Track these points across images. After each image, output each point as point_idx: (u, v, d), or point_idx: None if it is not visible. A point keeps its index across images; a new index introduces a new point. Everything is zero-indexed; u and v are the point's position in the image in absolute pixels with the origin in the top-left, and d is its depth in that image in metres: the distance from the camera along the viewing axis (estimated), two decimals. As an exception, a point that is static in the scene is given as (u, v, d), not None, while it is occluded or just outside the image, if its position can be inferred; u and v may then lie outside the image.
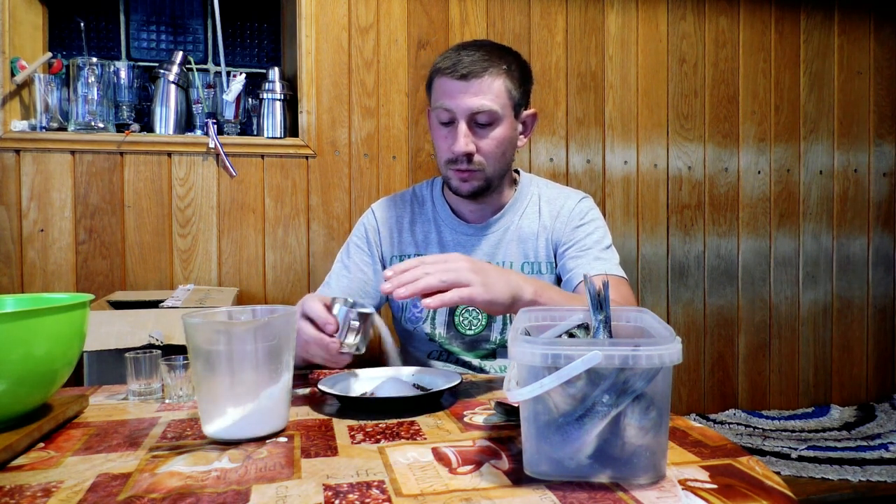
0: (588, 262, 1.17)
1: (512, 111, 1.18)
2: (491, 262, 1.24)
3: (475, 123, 1.14)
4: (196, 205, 1.91)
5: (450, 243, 1.27)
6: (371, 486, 0.58)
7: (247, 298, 1.93)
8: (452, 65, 1.13)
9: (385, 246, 1.30)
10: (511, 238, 1.25)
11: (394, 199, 1.35)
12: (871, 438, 2.09)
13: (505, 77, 1.15)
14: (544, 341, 0.61)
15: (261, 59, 2.19)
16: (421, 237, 1.29)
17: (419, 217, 1.31)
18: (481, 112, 1.13)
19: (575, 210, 1.25)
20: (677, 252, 2.32)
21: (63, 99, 1.85)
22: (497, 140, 1.16)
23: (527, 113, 1.24)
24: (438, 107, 1.15)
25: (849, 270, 2.47)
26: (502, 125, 1.16)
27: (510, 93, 1.16)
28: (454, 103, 1.13)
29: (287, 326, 0.74)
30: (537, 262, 1.24)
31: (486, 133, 1.15)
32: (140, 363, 0.91)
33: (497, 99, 1.14)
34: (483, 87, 1.12)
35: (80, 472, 0.63)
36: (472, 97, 1.12)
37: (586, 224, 1.23)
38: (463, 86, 1.12)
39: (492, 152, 1.16)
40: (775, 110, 2.40)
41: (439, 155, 1.20)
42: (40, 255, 1.81)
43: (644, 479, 0.58)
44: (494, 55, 1.15)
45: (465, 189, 1.19)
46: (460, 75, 1.12)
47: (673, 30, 2.30)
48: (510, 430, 0.74)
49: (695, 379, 2.34)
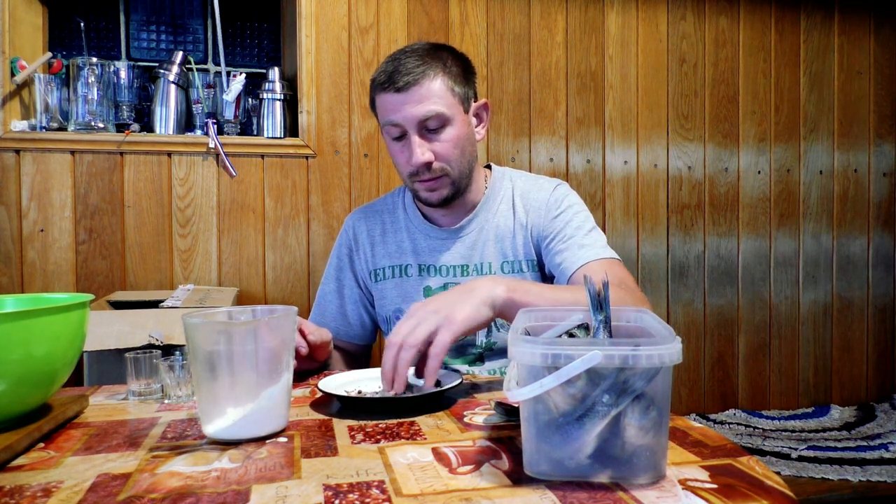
0: (573, 253, 1.14)
1: (461, 107, 1.15)
2: (468, 264, 1.22)
3: (426, 130, 1.12)
4: (196, 205, 1.91)
5: (424, 250, 1.25)
6: (371, 486, 0.58)
7: (247, 298, 1.93)
8: (388, 78, 1.10)
9: (362, 262, 1.30)
10: (487, 238, 1.22)
11: (365, 211, 1.34)
12: (871, 438, 2.09)
13: (443, 76, 1.11)
14: (544, 341, 0.61)
15: (261, 59, 2.19)
16: (394, 248, 1.27)
17: (391, 227, 1.29)
18: (429, 118, 1.10)
19: (550, 200, 1.21)
20: (677, 252, 2.32)
21: (63, 99, 1.85)
22: (452, 141, 1.13)
23: (477, 105, 1.20)
24: (386, 123, 1.13)
25: (849, 270, 2.47)
26: (454, 125, 1.13)
27: (453, 90, 1.13)
28: (400, 116, 1.10)
29: (287, 326, 0.74)
30: (517, 260, 1.21)
31: (439, 137, 1.12)
32: (140, 363, 0.91)
33: (441, 100, 1.11)
34: (423, 93, 1.09)
35: (80, 472, 0.63)
36: (415, 106, 1.09)
37: (563, 212, 1.20)
38: (403, 97, 1.09)
39: (450, 154, 1.13)
40: (775, 110, 2.40)
41: (400, 170, 1.18)
42: (40, 255, 1.81)
43: (644, 479, 0.58)
44: (427, 57, 1.12)
45: (435, 198, 1.17)
46: (397, 88, 1.09)
47: (673, 30, 2.30)
48: (510, 430, 0.74)
49: (695, 379, 2.34)
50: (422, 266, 1.25)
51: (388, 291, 1.27)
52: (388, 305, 1.27)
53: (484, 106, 1.22)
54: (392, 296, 1.27)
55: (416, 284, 1.24)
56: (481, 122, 1.22)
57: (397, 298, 1.26)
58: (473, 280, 0.94)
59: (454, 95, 1.13)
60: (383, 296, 1.28)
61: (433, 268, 1.24)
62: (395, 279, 1.26)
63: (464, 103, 1.16)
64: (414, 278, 1.25)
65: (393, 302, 1.27)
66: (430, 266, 1.24)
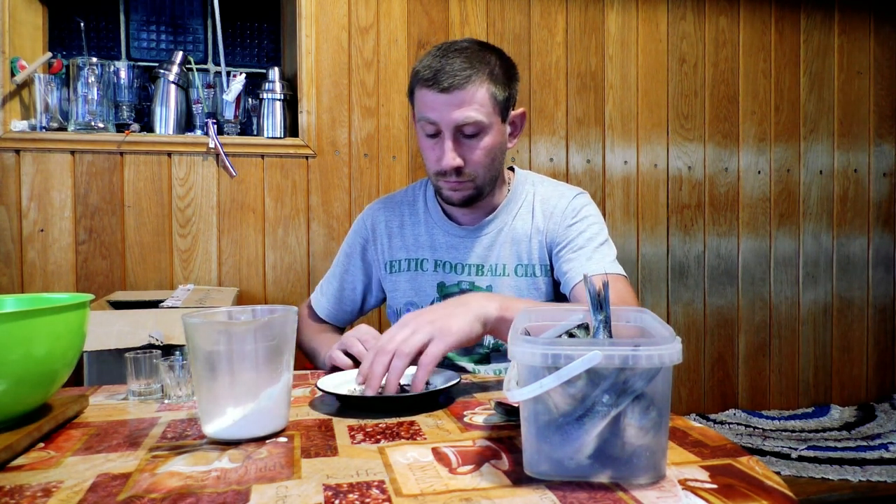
0: (580, 265, 1.14)
1: (499, 116, 1.13)
2: (484, 264, 1.22)
3: (461, 135, 1.11)
4: (196, 205, 1.91)
5: (442, 246, 1.25)
6: (371, 486, 0.58)
7: (247, 298, 1.93)
8: (433, 76, 1.08)
9: (378, 253, 1.30)
10: (504, 240, 1.23)
11: (385, 202, 1.33)
12: (871, 438, 2.09)
13: (489, 83, 1.09)
14: (544, 341, 0.61)
15: (261, 59, 2.19)
16: (412, 241, 1.27)
17: (410, 220, 1.29)
18: (467, 124, 1.09)
19: (568, 208, 1.21)
20: (677, 252, 2.32)
21: (63, 99, 1.85)
22: (485, 150, 1.12)
23: (514, 113, 1.19)
24: (422, 119, 1.12)
25: (849, 270, 2.47)
26: (490, 134, 1.12)
27: (495, 98, 1.11)
28: (437, 116, 1.09)
29: (287, 326, 0.74)
30: (531, 263, 1.21)
31: (473, 144, 1.11)
32: (140, 363, 0.91)
33: (482, 108, 1.09)
34: (467, 97, 1.07)
35: (80, 472, 0.63)
36: (455, 110, 1.08)
37: (579, 222, 1.20)
38: (446, 98, 1.07)
39: (480, 162, 1.13)
40: (775, 110, 2.40)
41: (428, 165, 1.17)
42: (40, 255, 1.81)
43: (644, 479, 0.58)
44: (476, 59, 1.10)
45: (457, 198, 1.16)
46: (442, 88, 1.07)
47: (673, 30, 2.30)
48: (510, 430, 0.74)
49: (695, 379, 2.34)
50: (437, 262, 1.25)
51: (401, 284, 1.27)
52: (399, 298, 1.28)
53: (521, 115, 1.21)
54: (405, 288, 1.27)
55: (431, 280, 1.25)
56: (516, 131, 1.22)
57: (410, 291, 1.26)
58: (467, 295, 0.94)
59: (495, 104, 1.11)
60: (396, 287, 1.28)
61: (448, 265, 1.24)
62: (410, 272, 1.26)
63: (503, 112, 1.14)
64: (429, 273, 1.25)
65: (405, 294, 1.27)
66: (445, 263, 1.24)
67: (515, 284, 1.21)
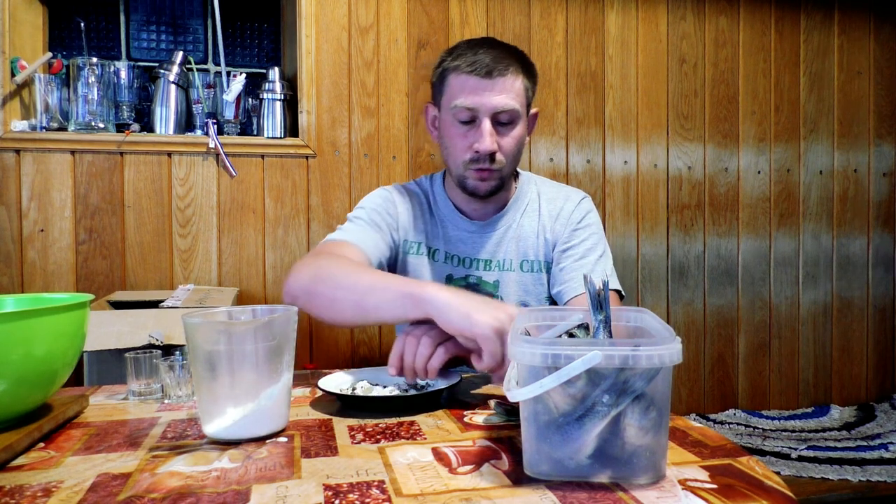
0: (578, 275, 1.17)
1: (525, 110, 1.18)
2: (491, 260, 1.24)
3: (497, 122, 1.13)
4: (196, 205, 1.91)
5: (453, 239, 1.26)
6: (371, 486, 0.58)
7: (247, 298, 1.93)
8: (473, 62, 1.11)
9: (398, 226, 1.25)
10: (511, 236, 1.25)
11: (400, 189, 1.31)
12: (871, 438, 2.09)
13: (523, 76, 1.15)
14: (544, 341, 0.61)
15: (261, 59, 2.19)
16: (430, 229, 1.27)
17: (421, 210, 1.29)
18: (504, 111, 1.12)
19: (575, 211, 1.24)
20: (677, 252, 2.32)
21: (63, 99, 1.85)
22: (516, 139, 1.16)
23: (532, 112, 1.24)
24: (458, 105, 1.13)
25: (849, 270, 2.47)
26: (520, 125, 1.16)
27: (527, 92, 1.16)
28: (477, 101, 1.11)
29: (287, 326, 0.74)
30: (537, 260, 1.24)
31: (506, 132, 1.15)
32: (140, 363, 0.91)
33: (517, 98, 1.13)
34: (507, 85, 1.12)
35: (80, 472, 0.63)
36: (496, 95, 1.11)
37: (583, 228, 1.23)
38: (488, 84, 1.11)
39: (511, 150, 1.16)
40: (775, 110, 2.40)
41: (456, 154, 1.16)
42: (40, 255, 1.81)
43: (644, 479, 0.58)
44: (510, 52, 1.15)
45: (483, 189, 1.17)
46: (485, 73, 1.10)
47: (673, 30, 2.30)
48: (510, 430, 0.74)
49: (695, 379, 2.34)
50: (448, 254, 1.26)
51: (417, 267, 1.25)
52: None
53: (535, 115, 1.26)
54: (415, 274, 1.24)
55: (441, 270, 1.25)
56: (530, 129, 1.26)
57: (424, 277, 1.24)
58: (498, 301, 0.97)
59: (526, 97, 1.17)
60: (412, 270, 1.25)
61: (457, 258, 1.25)
62: (423, 257, 1.25)
63: (527, 107, 1.19)
64: (440, 263, 1.25)
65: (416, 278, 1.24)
66: (454, 256, 1.25)
67: (521, 280, 1.23)
